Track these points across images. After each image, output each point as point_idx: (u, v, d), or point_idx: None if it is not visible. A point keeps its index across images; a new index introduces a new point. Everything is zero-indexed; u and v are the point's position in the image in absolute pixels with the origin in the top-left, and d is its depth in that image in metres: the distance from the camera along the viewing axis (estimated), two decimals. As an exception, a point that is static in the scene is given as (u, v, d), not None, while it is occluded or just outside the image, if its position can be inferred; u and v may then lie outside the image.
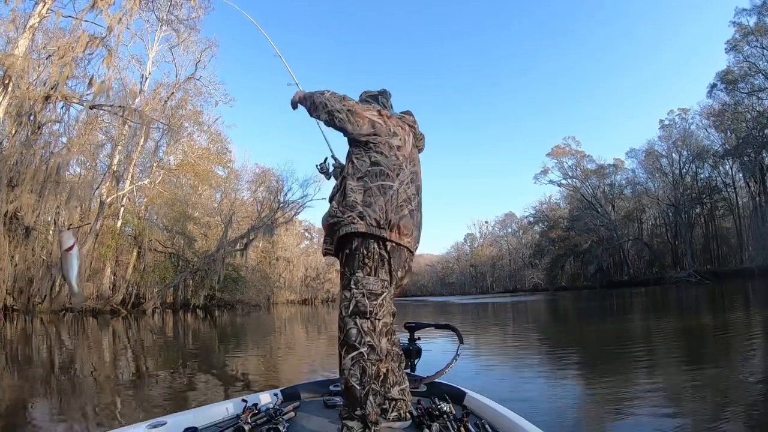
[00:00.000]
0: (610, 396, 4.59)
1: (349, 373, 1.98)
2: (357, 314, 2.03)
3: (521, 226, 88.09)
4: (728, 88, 44.04)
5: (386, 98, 2.61)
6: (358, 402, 1.99)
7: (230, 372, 7.03)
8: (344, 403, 2.04)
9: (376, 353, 2.03)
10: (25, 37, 19.87)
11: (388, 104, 2.60)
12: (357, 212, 2.12)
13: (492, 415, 2.29)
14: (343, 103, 2.29)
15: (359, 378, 1.99)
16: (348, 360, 1.99)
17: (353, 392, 1.98)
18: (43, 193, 20.40)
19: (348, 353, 1.99)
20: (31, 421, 4.29)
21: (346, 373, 1.98)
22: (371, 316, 2.05)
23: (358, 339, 2.00)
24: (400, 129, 2.37)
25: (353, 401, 1.99)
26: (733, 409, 3.86)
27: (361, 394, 1.98)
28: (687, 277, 44.92)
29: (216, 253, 30.72)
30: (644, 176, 58.89)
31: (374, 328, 2.05)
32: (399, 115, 2.52)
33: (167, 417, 2.24)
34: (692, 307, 17.27)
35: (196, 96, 30.79)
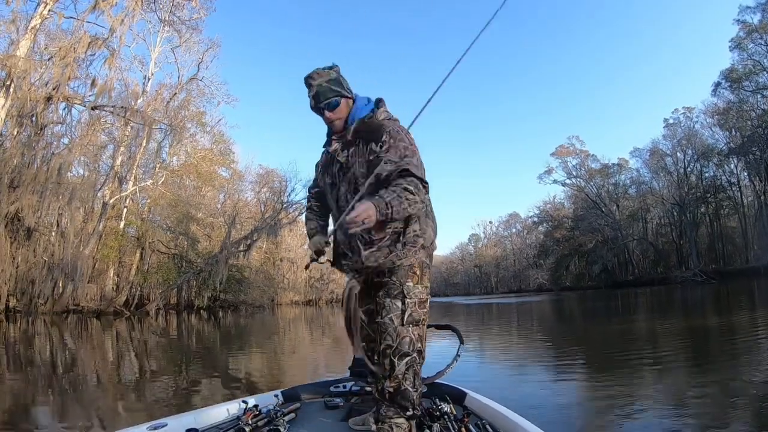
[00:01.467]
0: (614, 397, 4.56)
1: (403, 377, 2.03)
2: (411, 323, 2.07)
3: (525, 226, 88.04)
4: (733, 87, 43.89)
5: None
6: (411, 404, 2.05)
7: (233, 373, 7.03)
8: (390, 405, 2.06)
9: (423, 357, 2.12)
10: (26, 38, 19.97)
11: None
12: (419, 245, 2.12)
13: (493, 416, 2.28)
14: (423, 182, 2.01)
15: (413, 381, 2.05)
16: (402, 365, 2.03)
17: (407, 395, 2.04)
18: (44, 194, 20.46)
19: (402, 359, 2.03)
20: (32, 422, 4.29)
21: (401, 377, 2.03)
22: (422, 324, 2.11)
23: (411, 346, 2.05)
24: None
25: (406, 403, 2.05)
26: (740, 410, 3.82)
27: (414, 396, 2.05)
28: (692, 277, 44.73)
29: (219, 254, 30.77)
30: (649, 175, 58.74)
31: (423, 334, 2.12)
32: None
33: (168, 418, 2.24)
34: (698, 307, 17.17)
35: (198, 97, 30.97)
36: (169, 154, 30.94)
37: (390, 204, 1.83)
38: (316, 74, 2.12)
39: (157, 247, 30.54)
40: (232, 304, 34.32)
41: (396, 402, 2.04)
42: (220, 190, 38.58)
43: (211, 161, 33.12)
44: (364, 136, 2.12)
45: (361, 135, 2.13)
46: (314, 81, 2.12)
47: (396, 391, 2.03)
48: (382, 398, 2.07)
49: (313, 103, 2.15)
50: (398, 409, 2.04)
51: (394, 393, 2.03)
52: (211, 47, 30.44)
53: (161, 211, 32.21)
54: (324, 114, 2.17)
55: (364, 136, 2.12)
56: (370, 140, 2.09)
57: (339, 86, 2.14)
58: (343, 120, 2.18)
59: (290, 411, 2.43)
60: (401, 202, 1.87)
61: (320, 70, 2.13)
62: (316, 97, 2.13)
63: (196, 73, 30.39)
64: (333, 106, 2.14)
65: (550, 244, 72.00)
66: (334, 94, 2.12)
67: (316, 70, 2.13)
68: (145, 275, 29.13)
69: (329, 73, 2.14)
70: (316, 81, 2.11)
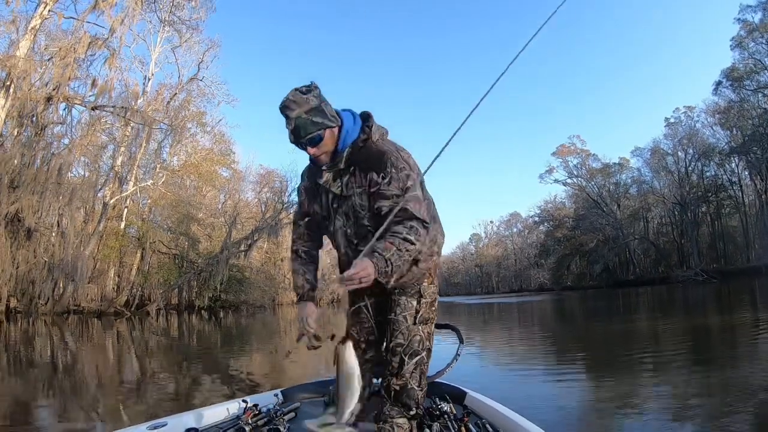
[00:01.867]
0: (615, 397, 4.55)
1: (410, 376, 2.02)
2: (422, 322, 2.06)
3: (526, 226, 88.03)
4: (734, 86, 43.90)
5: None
6: (415, 403, 2.04)
7: (234, 373, 7.02)
8: (394, 404, 2.05)
9: (430, 355, 2.11)
10: (26, 39, 20.01)
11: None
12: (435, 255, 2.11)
13: (493, 415, 2.27)
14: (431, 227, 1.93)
15: (419, 380, 2.04)
16: (411, 364, 2.02)
17: (412, 393, 2.03)
18: (44, 195, 20.47)
19: (412, 358, 2.02)
20: (32, 421, 4.29)
21: (408, 376, 2.01)
22: (430, 322, 2.11)
23: (421, 345, 2.04)
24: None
25: (410, 402, 2.03)
26: (741, 409, 3.81)
27: (419, 395, 2.05)
28: (694, 276, 44.69)
29: (220, 254, 30.79)
30: (650, 175, 58.75)
31: (431, 331, 2.12)
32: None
33: (168, 418, 2.24)
34: (699, 306, 17.14)
35: (199, 97, 31.03)
36: (169, 155, 31.03)
37: (389, 261, 1.73)
38: (293, 103, 1.80)
39: (157, 248, 30.56)
40: (233, 305, 34.33)
41: (400, 401, 2.03)
42: (220, 191, 38.60)
43: (212, 161, 33.12)
44: (362, 165, 1.91)
45: (357, 163, 1.92)
46: (291, 113, 1.81)
47: (402, 389, 2.02)
48: (387, 396, 2.05)
49: (293, 138, 1.87)
50: (402, 408, 2.03)
51: (400, 391, 2.02)
52: (211, 47, 30.58)
53: (162, 211, 32.27)
54: (306, 150, 1.91)
55: (362, 165, 1.91)
56: (370, 169, 1.88)
57: (321, 116, 1.84)
58: (331, 152, 1.92)
59: (290, 410, 2.43)
60: (401, 255, 1.77)
61: (297, 96, 1.81)
62: (295, 132, 1.83)
63: (197, 73, 30.51)
64: (316, 142, 1.86)
65: (551, 244, 72.01)
66: (316, 128, 1.83)
67: (292, 97, 1.81)
68: (146, 275, 29.17)
69: (308, 101, 1.81)
70: (294, 113, 1.80)
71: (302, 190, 2.18)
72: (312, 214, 2.14)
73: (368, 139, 1.93)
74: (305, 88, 1.84)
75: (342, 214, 1.99)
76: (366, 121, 1.97)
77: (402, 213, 1.79)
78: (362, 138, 1.93)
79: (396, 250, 1.75)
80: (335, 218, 2.01)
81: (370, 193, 1.88)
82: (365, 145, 1.92)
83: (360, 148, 1.92)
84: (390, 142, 1.99)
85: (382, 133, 2.00)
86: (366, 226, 1.92)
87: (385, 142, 1.98)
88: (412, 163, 1.94)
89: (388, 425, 2.02)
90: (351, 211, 1.95)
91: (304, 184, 2.16)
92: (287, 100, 1.81)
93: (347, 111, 1.98)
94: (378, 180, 1.86)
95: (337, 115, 1.90)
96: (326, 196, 2.02)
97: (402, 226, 1.79)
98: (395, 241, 1.76)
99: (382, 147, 1.93)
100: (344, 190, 1.94)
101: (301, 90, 1.83)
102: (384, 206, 1.83)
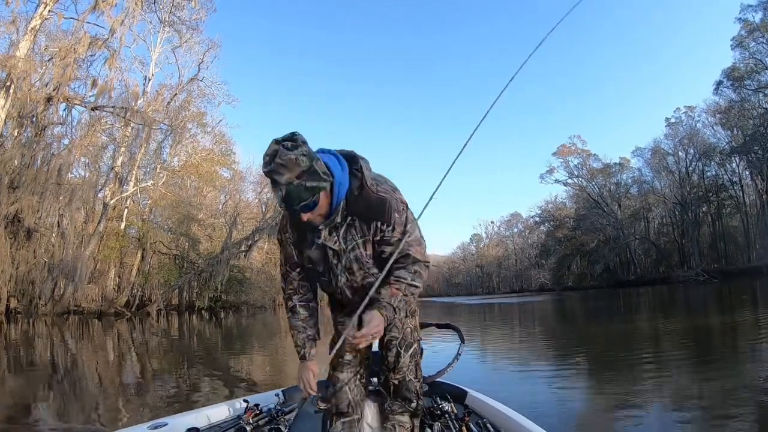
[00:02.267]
0: (616, 397, 4.54)
1: (408, 369, 2.01)
2: (411, 314, 2.05)
3: (527, 226, 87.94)
4: (734, 85, 43.85)
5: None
6: (415, 395, 2.03)
7: (234, 373, 7.03)
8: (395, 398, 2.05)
9: (421, 346, 2.11)
10: (26, 39, 20.00)
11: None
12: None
13: (494, 415, 2.27)
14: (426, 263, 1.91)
15: (415, 372, 2.04)
16: (407, 357, 2.00)
17: (411, 386, 2.02)
18: (44, 195, 20.47)
19: (407, 351, 2.00)
20: (33, 421, 4.29)
21: (405, 369, 2.00)
22: (416, 314, 2.10)
23: (413, 336, 2.03)
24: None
25: (410, 395, 2.02)
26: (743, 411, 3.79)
27: (417, 386, 2.04)
28: (694, 277, 44.67)
29: (220, 254, 30.77)
30: (650, 175, 58.71)
31: (417, 324, 2.10)
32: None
33: (168, 418, 2.24)
34: (700, 307, 17.12)
35: (199, 97, 30.95)
36: (169, 155, 30.99)
37: (398, 309, 1.79)
38: (281, 167, 1.54)
39: (158, 248, 30.52)
40: (234, 305, 34.31)
41: (400, 394, 2.03)
42: (221, 191, 38.56)
43: (212, 162, 33.08)
44: (363, 215, 1.78)
45: (356, 214, 1.78)
46: (280, 179, 1.55)
47: (401, 383, 2.02)
48: (387, 392, 2.05)
49: (284, 206, 1.65)
50: (403, 402, 2.03)
51: (399, 385, 2.02)
52: (211, 47, 30.51)
53: (162, 211, 32.22)
54: (299, 216, 1.69)
55: (363, 215, 1.78)
56: (373, 219, 1.77)
57: (315, 179, 1.60)
58: (326, 211, 1.73)
59: (291, 410, 2.42)
60: (407, 300, 1.82)
61: (285, 158, 1.53)
62: (287, 200, 1.59)
63: (197, 74, 30.45)
64: (311, 207, 1.65)
65: (552, 244, 71.99)
66: (311, 193, 1.60)
67: (280, 160, 1.53)
68: (146, 276, 29.15)
69: (298, 163, 1.55)
70: (284, 178, 1.55)
71: (287, 242, 1.97)
72: (303, 265, 1.97)
73: (362, 186, 1.77)
74: (290, 144, 1.57)
75: (344, 270, 1.87)
76: (353, 164, 1.80)
77: (404, 259, 1.81)
78: (356, 185, 1.77)
79: (402, 296, 1.79)
80: (338, 274, 1.89)
81: (374, 241, 1.81)
82: (361, 193, 1.77)
83: (356, 197, 1.77)
84: (381, 181, 1.84)
85: (372, 175, 1.83)
86: (374, 274, 1.83)
87: (378, 184, 1.82)
88: (405, 201, 1.86)
89: (390, 423, 2.02)
90: (355, 263, 1.84)
91: (289, 236, 1.95)
92: (275, 165, 1.54)
93: (328, 154, 1.76)
94: (383, 228, 1.78)
95: (328, 171, 1.67)
96: (321, 251, 1.86)
97: (406, 271, 1.81)
98: (401, 287, 1.79)
99: (380, 193, 1.78)
100: (343, 244, 1.82)
101: (287, 146, 1.55)
102: (387, 251, 1.80)
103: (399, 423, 2.01)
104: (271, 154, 1.56)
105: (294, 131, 1.62)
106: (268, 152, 1.57)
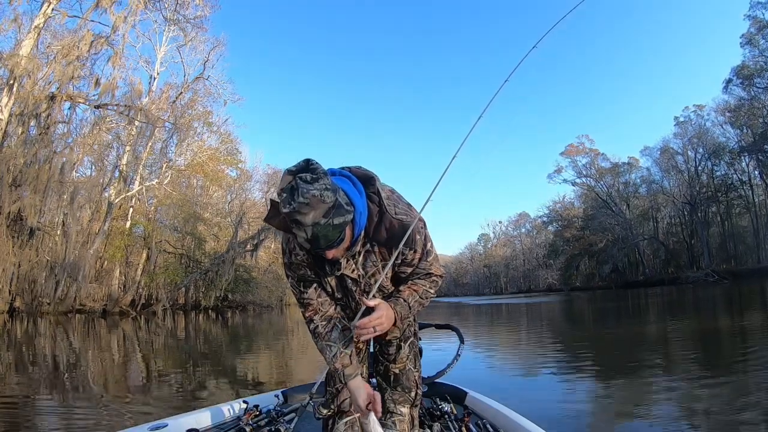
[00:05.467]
0: (621, 401, 4.49)
1: (407, 359, 2.03)
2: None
3: (535, 226, 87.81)
4: (744, 84, 43.42)
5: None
6: (414, 384, 2.05)
7: (239, 374, 7.03)
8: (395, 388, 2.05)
9: (418, 337, 2.11)
10: (30, 37, 20.13)
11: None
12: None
13: (493, 415, 2.26)
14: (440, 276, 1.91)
15: (414, 362, 2.05)
16: (406, 348, 2.01)
17: (410, 375, 2.04)
18: (46, 194, 20.58)
19: (405, 342, 2.02)
20: (34, 421, 4.31)
21: (405, 359, 2.02)
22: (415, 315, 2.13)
23: (410, 330, 2.04)
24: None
25: (410, 384, 2.04)
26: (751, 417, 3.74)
27: (416, 375, 2.05)
28: (704, 277, 44.30)
29: (226, 254, 30.88)
30: (659, 174, 58.34)
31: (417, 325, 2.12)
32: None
33: (169, 419, 2.24)
34: (711, 308, 16.89)
35: (205, 96, 31.05)
36: (175, 154, 31.09)
37: (412, 307, 1.79)
38: (305, 207, 1.36)
39: (163, 247, 30.70)
40: (240, 304, 34.46)
41: (400, 383, 2.03)
42: (228, 190, 38.70)
43: (218, 161, 33.19)
44: (384, 242, 1.71)
45: (377, 240, 1.71)
46: (305, 219, 1.38)
47: (401, 371, 2.03)
48: (387, 383, 2.05)
49: (309, 247, 1.50)
50: (403, 392, 2.03)
51: (399, 374, 2.03)
52: (216, 46, 30.65)
53: (168, 210, 32.32)
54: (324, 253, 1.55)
55: (384, 242, 1.71)
56: (393, 245, 1.69)
57: (341, 214, 1.44)
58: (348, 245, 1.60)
59: (291, 411, 2.42)
60: (422, 303, 1.83)
61: (308, 195, 1.35)
62: (313, 242, 1.45)
63: (202, 72, 30.57)
64: (338, 243, 1.52)
65: (560, 244, 71.77)
66: (338, 231, 1.45)
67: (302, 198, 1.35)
68: (152, 275, 29.28)
69: (323, 199, 1.37)
70: (308, 218, 1.38)
71: (301, 265, 1.81)
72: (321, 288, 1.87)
73: (381, 211, 1.67)
74: (309, 176, 1.38)
75: (363, 294, 1.79)
76: (369, 187, 1.67)
77: (426, 276, 1.84)
78: (375, 211, 1.66)
79: (419, 297, 1.80)
80: (357, 299, 1.82)
81: (395, 263, 1.76)
82: (381, 219, 1.67)
83: (376, 224, 1.67)
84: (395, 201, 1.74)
85: (386, 194, 1.71)
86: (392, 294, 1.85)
87: (395, 205, 1.72)
88: (423, 218, 1.77)
89: (389, 414, 2.02)
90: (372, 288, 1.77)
91: (301, 258, 1.79)
92: (297, 204, 1.36)
93: (342, 178, 1.61)
94: (405, 252, 1.73)
95: (349, 200, 1.52)
96: (340, 279, 1.80)
97: (424, 280, 1.84)
98: (419, 289, 1.81)
99: (400, 216, 1.69)
100: (361, 270, 1.76)
101: (305, 179, 1.37)
102: (408, 272, 1.82)
103: (399, 414, 2.02)
104: (289, 190, 1.38)
105: (308, 158, 1.44)
106: (285, 187, 1.40)
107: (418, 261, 1.79)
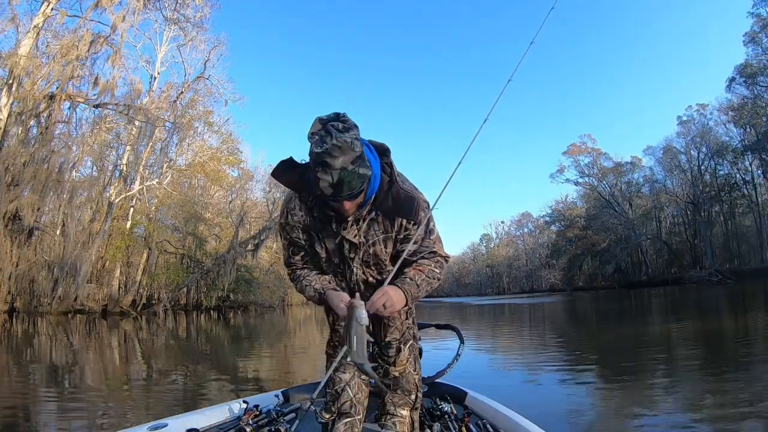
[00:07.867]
0: (622, 402, 4.47)
1: (407, 362, 2.03)
2: (411, 315, 2.10)
3: (537, 226, 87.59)
4: (747, 82, 43.18)
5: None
6: (414, 386, 2.05)
7: (240, 374, 7.03)
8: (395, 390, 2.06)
9: (417, 339, 2.12)
10: (29, 37, 20.12)
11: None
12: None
13: (494, 416, 2.26)
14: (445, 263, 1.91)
15: (414, 364, 2.06)
16: (407, 350, 2.02)
17: (410, 377, 2.04)
18: (44, 193, 20.57)
19: (405, 345, 2.03)
20: (34, 421, 4.32)
21: (405, 361, 2.03)
22: (414, 315, 2.13)
23: (410, 333, 2.06)
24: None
25: (410, 386, 2.05)
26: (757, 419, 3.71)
27: (416, 378, 2.06)
28: (708, 277, 44.13)
29: (227, 254, 30.88)
30: (662, 174, 58.03)
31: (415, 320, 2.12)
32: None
33: (168, 419, 2.24)
34: (714, 308, 16.81)
35: (206, 96, 30.95)
36: (176, 154, 31.05)
37: (420, 286, 1.77)
38: (336, 149, 1.44)
39: (164, 247, 30.68)
40: (242, 305, 34.48)
41: (401, 386, 2.04)
42: (229, 190, 38.68)
43: (219, 161, 33.15)
44: (390, 212, 1.75)
45: (383, 209, 1.75)
46: (335, 162, 1.44)
47: (401, 374, 2.04)
48: (387, 386, 2.04)
49: (331, 192, 1.52)
50: (403, 395, 2.04)
51: (399, 377, 2.04)
52: (217, 45, 30.53)
53: (168, 210, 32.30)
54: (340, 204, 1.61)
55: (390, 212, 1.75)
56: (400, 216, 1.75)
57: (365, 166, 1.53)
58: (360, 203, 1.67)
59: (291, 411, 2.41)
60: (429, 283, 1.80)
61: (340, 139, 1.43)
62: (337, 186, 1.49)
63: (203, 72, 30.48)
64: (356, 196, 1.58)
65: (563, 244, 71.58)
66: (361, 181, 1.53)
67: (336, 141, 1.43)
68: (153, 275, 29.29)
69: (353, 147, 1.46)
70: (338, 161, 1.44)
71: (297, 227, 1.84)
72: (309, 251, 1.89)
73: (391, 181, 1.74)
74: (342, 126, 1.46)
75: (361, 263, 1.84)
76: (383, 157, 1.73)
77: (430, 255, 1.84)
78: (386, 180, 1.73)
79: (426, 276, 1.79)
80: (354, 267, 1.85)
81: (396, 238, 1.80)
82: (390, 189, 1.73)
83: (384, 193, 1.72)
84: (404, 178, 1.84)
85: (402, 176, 1.82)
86: (390, 271, 1.82)
87: (403, 181, 1.81)
88: (427, 200, 1.84)
89: (390, 421, 2.03)
90: (372, 258, 1.82)
91: (299, 219, 1.82)
92: (330, 146, 1.42)
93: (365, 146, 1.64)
94: (408, 226, 1.77)
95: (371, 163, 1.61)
96: (337, 242, 1.81)
97: (429, 260, 1.83)
98: (424, 269, 1.79)
99: (409, 191, 1.77)
100: (362, 238, 1.78)
101: (337, 127, 1.45)
102: (409, 249, 1.78)
103: (398, 416, 2.02)
104: (322, 133, 1.45)
105: (338, 111, 1.53)
106: (318, 131, 1.47)
107: (421, 240, 1.81)
